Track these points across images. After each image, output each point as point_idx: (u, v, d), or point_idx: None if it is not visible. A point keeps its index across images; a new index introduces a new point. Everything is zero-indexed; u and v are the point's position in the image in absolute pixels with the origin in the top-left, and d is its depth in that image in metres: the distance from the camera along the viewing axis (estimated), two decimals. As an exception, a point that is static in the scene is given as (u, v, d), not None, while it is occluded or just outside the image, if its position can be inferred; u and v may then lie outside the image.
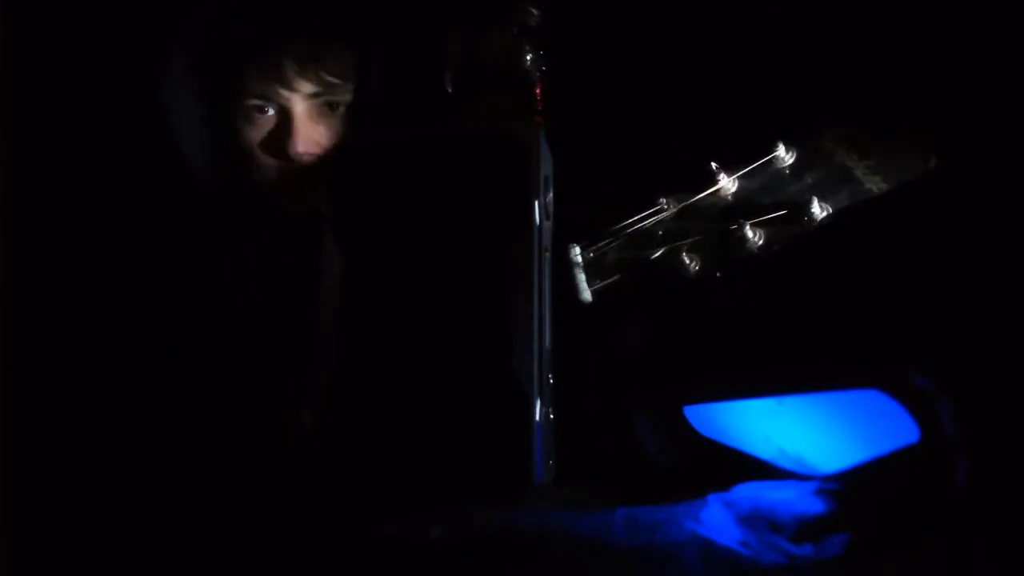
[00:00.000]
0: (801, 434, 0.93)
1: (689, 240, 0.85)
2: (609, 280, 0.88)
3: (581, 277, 0.88)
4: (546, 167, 0.87)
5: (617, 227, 0.89)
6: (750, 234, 0.83)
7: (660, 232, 0.87)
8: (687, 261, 0.85)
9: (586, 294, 0.89)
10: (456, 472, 0.81)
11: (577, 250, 0.90)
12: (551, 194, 0.89)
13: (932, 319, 0.92)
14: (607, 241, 0.89)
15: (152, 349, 1.01)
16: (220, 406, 0.97)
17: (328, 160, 0.87)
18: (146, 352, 1.01)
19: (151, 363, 1.00)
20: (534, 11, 0.99)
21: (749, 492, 0.88)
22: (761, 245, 0.83)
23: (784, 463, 0.93)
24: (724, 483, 0.89)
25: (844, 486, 0.89)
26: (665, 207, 0.87)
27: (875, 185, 0.81)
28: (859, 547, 0.83)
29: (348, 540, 0.84)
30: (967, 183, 0.93)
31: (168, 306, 1.02)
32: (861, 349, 0.93)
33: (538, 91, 0.99)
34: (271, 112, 0.99)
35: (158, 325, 1.01)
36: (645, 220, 0.88)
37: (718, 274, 0.85)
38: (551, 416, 0.83)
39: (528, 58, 0.99)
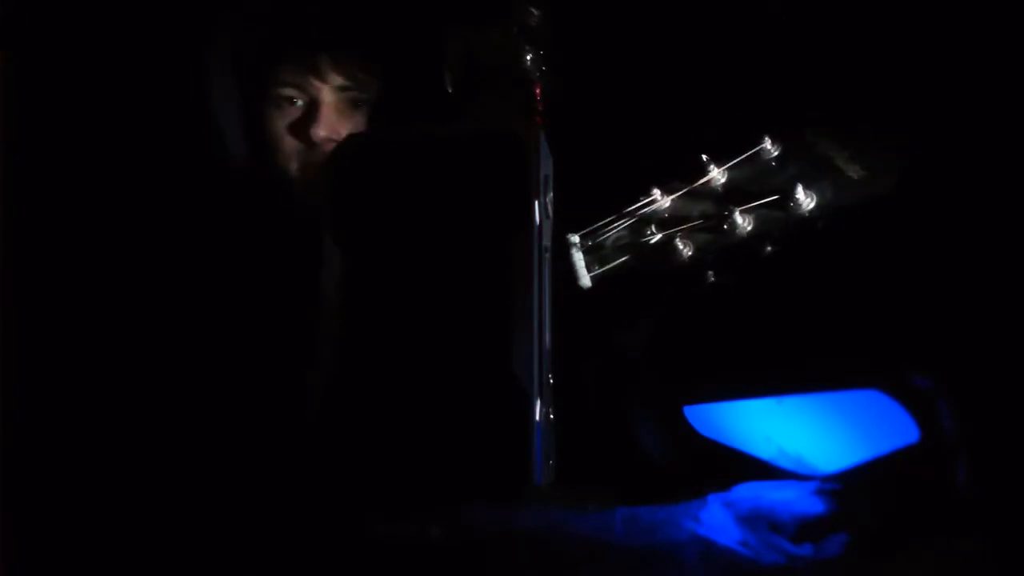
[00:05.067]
0: (801, 434, 0.93)
1: (683, 227, 0.89)
2: (608, 266, 0.91)
3: (580, 264, 0.91)
4: (546, 167, 0.87)
5: (614, 216, 0.93)
6: (739, 220, 0.87)
7: (655, 220, 0.90)
8: (681, 247, 0.88)
9: (585, 280, 0.92)
10: (456, 472, 0.81)
11: (576, 238, 0.93)
12: (551, 194, 0.89)
13: (932, 319, 0.92)
14: (605, 229, 0.92)
15: (153, 347, 1.01)
16: (221, 405, 0.97)
17: (333, 155, 0.88)
18: (147, 350, 1.01)
19: (152, 361, 1.00)
20: (534, 11, 0.99)
21: (749, 492, 0.88)
22: (750, 231, 0.87)
23: (784, 463, 0.93)
24: (724, 483, 0.89)
25: (844, 486, 0.89)
26: (659, 197, 0.91)
27: (855, 173, 0.85)
28: (859, 547, 0.83)
29: (348, 540, 0.84)
30: (967, 184, 0.93)
31: (169, 305, 1.02)
32: (861, 349, 0.93)
33: (538, 91, 0.99)
34: (300, 103, 1.06)
35: (159, 323, 1.01)
36: (641, 209, 0.91)
37: (712, 267, 0.89)
38: (551, 416, 0.84)
39: (528, 58, 0.99)
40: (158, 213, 1.06)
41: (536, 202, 0.84)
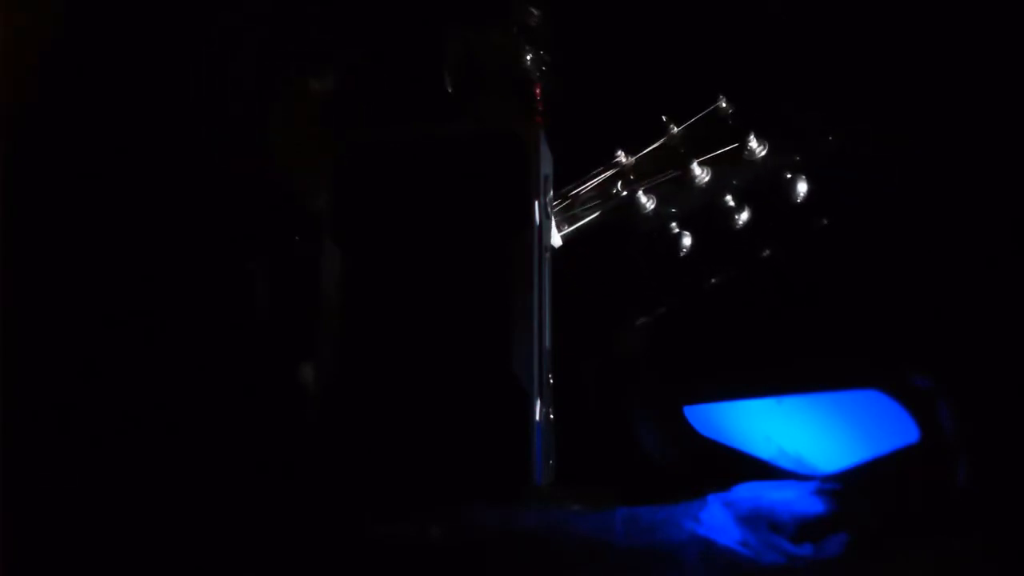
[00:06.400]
0: (801, 434, 0.93)
1: (646, 182, 0.93)
2: (577, 224, 0.95)
3: (551, 225, 0.94)
4: (546, 167, 0.87)
5: (582, 179, 0.96)
6: (697, 170, 0.91)
7: (621, 179, 0.95)
8: (645, 200, 0.92)
9: (556, 239, 0.94)
10: (456, 472, 0.81)
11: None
12: (551, 194, 0.89)
13: (931, 319, 0.92)
14: (573, 191, 0.96)
15: (153, 347, 1.01)
16: (220, 405, 0.97)
17: (333, 155, 0.88)
18: (147, 350, 1.01)
19: (151, 361, 1.00)
20: (534, 11, 1.00)
21: (749, 492, 0.88)
22: (708, 180, 0.92)
23: (784, 463, 0.93)
24: (724, 483, 0.89)
25: (844, 486, 0.89)
26: (624, 158, 0.95)
27: (804, 124, 0.92)
28: (859, 547, 0.83)
29: (348, 540, 0.84)
30: (967, 184, 0.93)
31: (169, 305, 1.02)
32: (861, 349, 0.93)
33: (538, 91, 0.99)
34: (303, 103, 1.08)
35: (159, 323, 1.01)
36: (607, 170, 0.95)
37: (676, 219, 0.93)
38: (551, 416, 0.83)
39: (528, 58, 0.99)
40: (158, 213, 1.06)
41: (536, 202, 0.84)
